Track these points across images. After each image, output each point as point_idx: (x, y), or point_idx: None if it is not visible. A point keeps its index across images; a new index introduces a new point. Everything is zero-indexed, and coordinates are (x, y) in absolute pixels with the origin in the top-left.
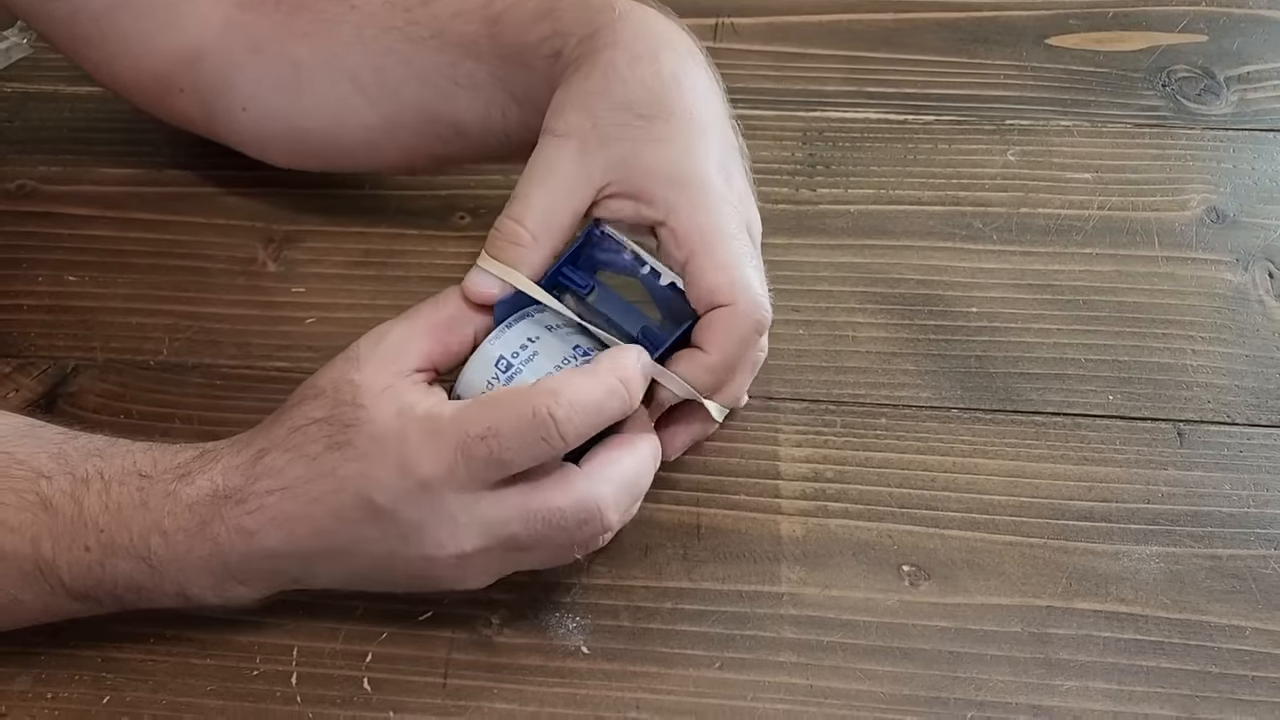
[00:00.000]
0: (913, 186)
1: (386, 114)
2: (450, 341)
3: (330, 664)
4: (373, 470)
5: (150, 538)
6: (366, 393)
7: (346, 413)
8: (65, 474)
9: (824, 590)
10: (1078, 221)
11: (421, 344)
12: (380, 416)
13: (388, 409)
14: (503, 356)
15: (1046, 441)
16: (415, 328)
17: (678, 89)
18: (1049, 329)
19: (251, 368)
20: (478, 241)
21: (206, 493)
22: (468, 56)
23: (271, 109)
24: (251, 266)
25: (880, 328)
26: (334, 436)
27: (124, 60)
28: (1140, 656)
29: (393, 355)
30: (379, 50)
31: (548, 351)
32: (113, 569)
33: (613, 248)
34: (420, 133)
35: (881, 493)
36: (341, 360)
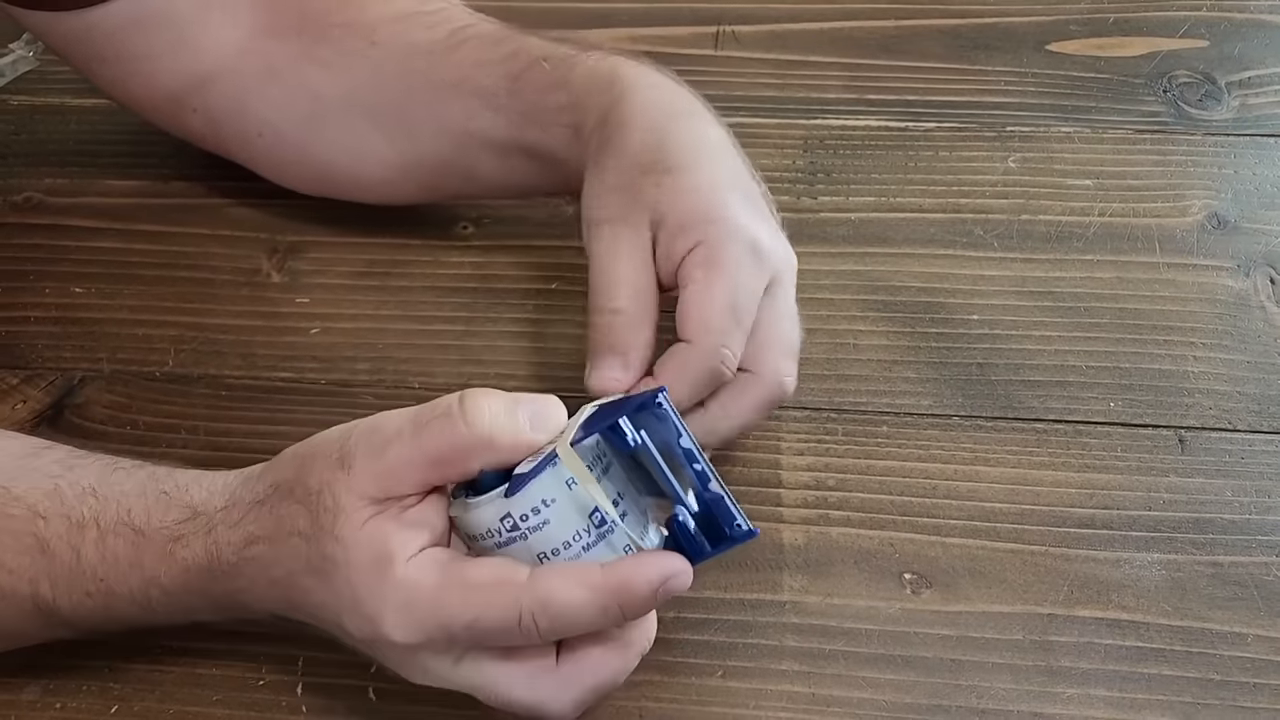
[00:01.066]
0: (914, 194)
1: (404, 154)
2: (453, 475)
3: (335, 674)
4: (346, 616)
5: (149, 590)
6: (347, 523)
7: (326, 541)
8: (61, 516)
9: (826, 598)
10: (1079, 228)
11: (420, 473)
12: (357, 560)
13: (366, 554)
14: (509, 515)
15: (1048, 449)
16: (418, 453)
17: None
18: (1050, 336)
19: (256, 378)
20: (481, 251)
21: (201, 562)
22: (486, 108)
23: (288, 137)
24: (256, 277)
25: (881, 335)
26: (312, 561)
27: (137, 78)
28: (1142, 664)
29: (385, 479)
30: (399, 91)
31: (560, 521)
32: (115, 612)
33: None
34: (437, 173)
35: (883, 501)
36: (335, 460)
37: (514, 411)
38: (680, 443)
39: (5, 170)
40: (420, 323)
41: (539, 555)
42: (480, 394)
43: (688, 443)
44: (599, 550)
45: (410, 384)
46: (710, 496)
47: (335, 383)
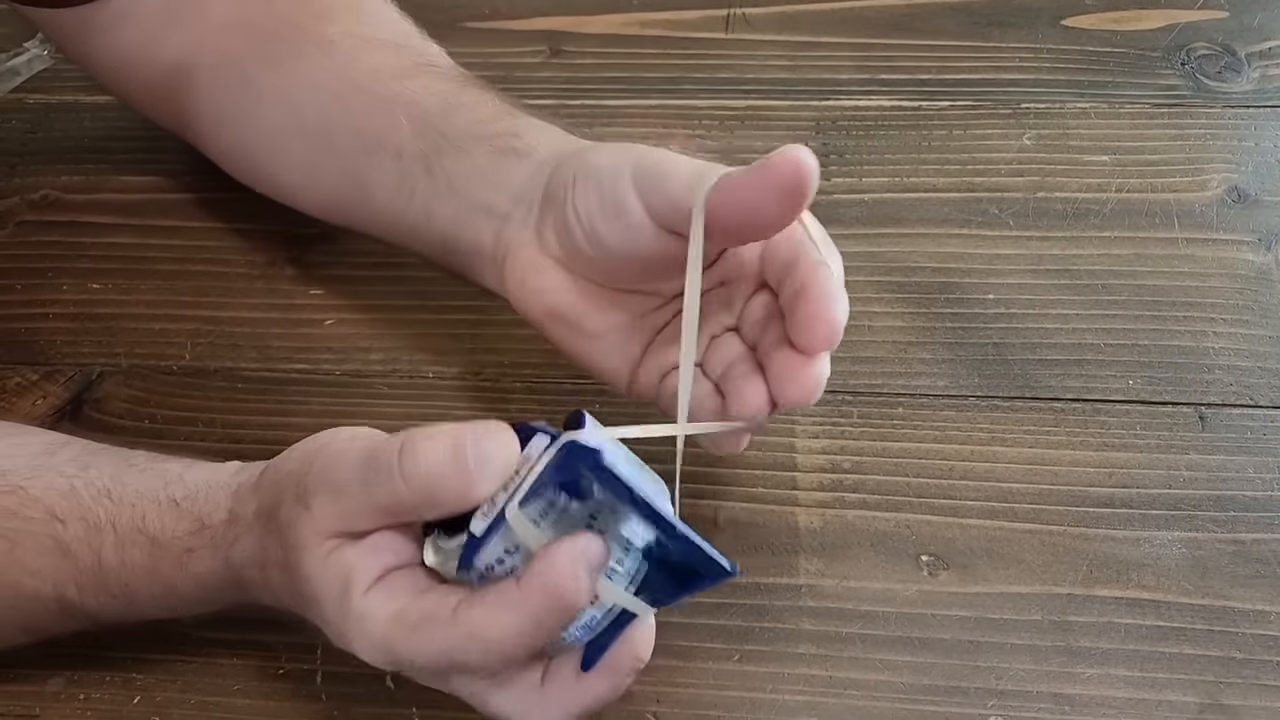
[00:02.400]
0: (928, 174)
1: (314, 159)
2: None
3: (354, 662)
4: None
5: (169, 598)
6: (311, 559)
7: (299, 580)
8: (78, 519)
9: (842, 581)
10: (1095, 204)
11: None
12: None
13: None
14: (475, 566)
15: (1065, 428)
16: (367, 505)
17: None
18: (1067, 314)
19: (272, 370)
20: None
21: (210, 575)
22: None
23: (233, 132)
24: (270, 270)
25: (896, 317)
26: (294, 594)
27: (124, 71)
28: (1163, 643)
29: (339, 521)
30: (329, 93)
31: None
32: (140, 610)
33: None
34: (334, 187)
35: (899, 483)
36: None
37: (458, 459)
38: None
39: (23, 168)
40: (434, 312)
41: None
42: (420, 441)
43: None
44: None
45: (424, 374)
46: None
47: (350, 373)
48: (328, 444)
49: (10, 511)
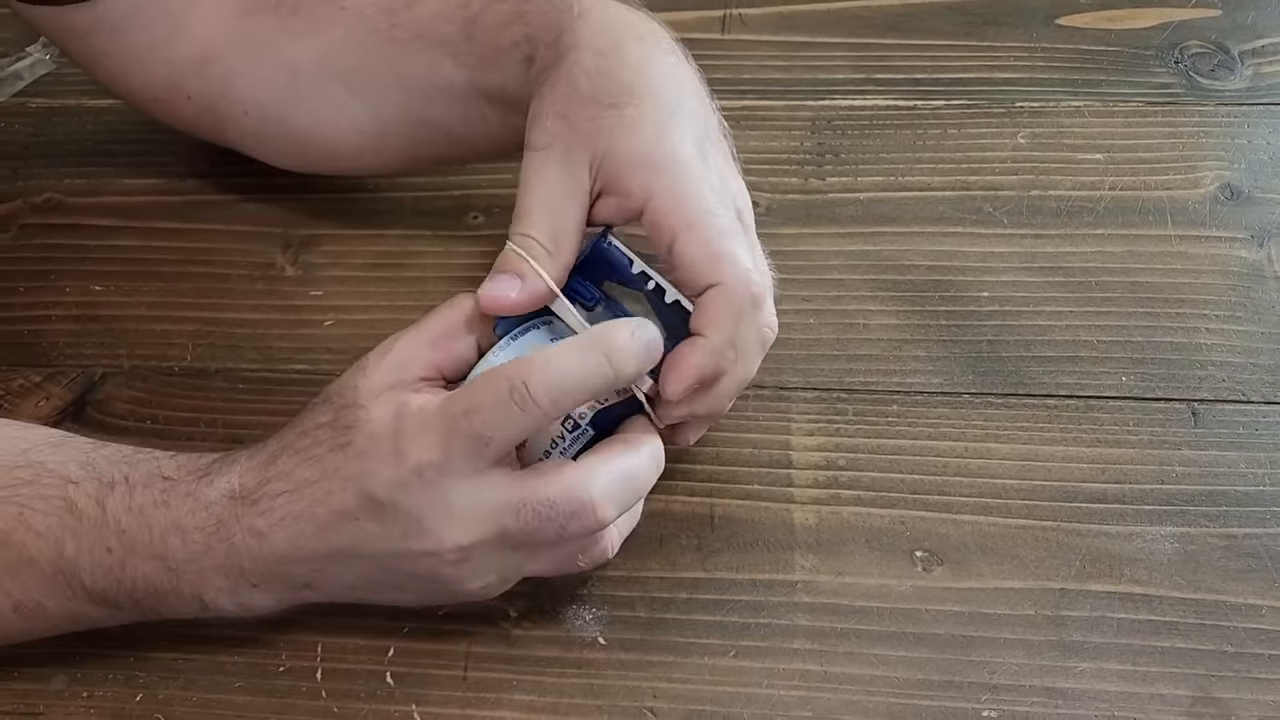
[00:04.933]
0: (922, 172)
1: (377, 117)
2: (454, 349)
3: (354, 659)
4: (370, 465)
5: (169, 537)
6: (367, 395)
7: (348, 415)
8: (92, 479)
9: (837, 577)
10: (1089, 202)
11: (426, 353)
12: (378, 415)
13: (386, 408)
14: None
15: (1059, 424)
16: (420, 337)
17: (643, 74)
18: (1061, 311)
19: (273, 370)
20: (492, 241)
21: (223, 493)
22: (446, 57)
23: (270, 113)
24: (270, 271)
25: (891, 315)
26: (336, 438)
27: (135, 69)
28: (1155, 637)
29: (398, 364)
30: (367, 53)
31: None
32: (132, 570)
33: (619, 261)
34: (409, 137)
35: (894, 479)
36: (352, 369)
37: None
38: (631, 269)
39: (26, 171)
40: None
41: None
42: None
43: (638, 268)
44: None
45: None
46: (666, 306)
47: None
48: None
49: (25, 481)
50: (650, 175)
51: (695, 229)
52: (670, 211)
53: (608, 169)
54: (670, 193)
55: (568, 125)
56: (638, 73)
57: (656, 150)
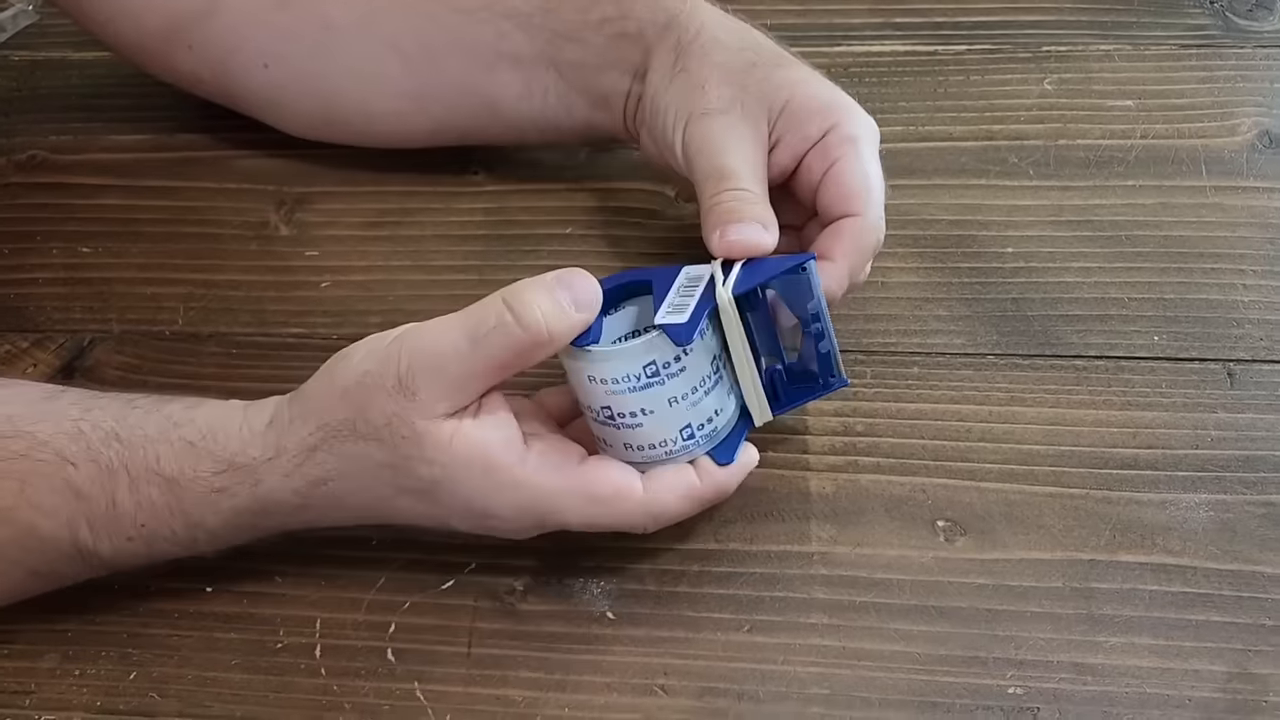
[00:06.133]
0: (944, 121)
1: (422, 83)
2: (510, 374)
3: (353, 635)
4: (456, 519)
5: (195, 532)
6: (433, 443)
7: (417, 466)
8: (89, 461)
9: (856, 548)
10: (1119, 152)
11: (485, 383)
12: (462, 476)
13: (470, 468)
14: (654, 362)
15: (1088, 386)
16: (481, 366)
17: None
18: (1089, 268)
19: (267, 335)
20: (493, 197)
21: (252, 506)
22: (518, 29)
23: (297, 69)
24: (264, 231)
25: (911, 272)
26: (406, 485)
27: (128, 16)
28: (1189, 610)
29: (452, 395)
30: (422, 16)
31: (695, 365)
32: (158, 551)
33: (805, 288)
34: (453, 106)
35: (914, 445)
36: (395, 390)
37: (559, 302)
38: (809, 307)
39: (9, 128)
40: (432, 272)
41: (670, 399)
42: (524, 291)
43: (815, 307)
44: (716, 393)
45: None
46: (819, 354)
47: (346, 337)
48: (400, 337)
49: (19, 454)
50: (828, 115)
51: (860, 157)
52: (843, 141)
53: (786, 120)
54: (845, 127)
55: (741, 89)
56: (772, 43)
57: (832, 94)
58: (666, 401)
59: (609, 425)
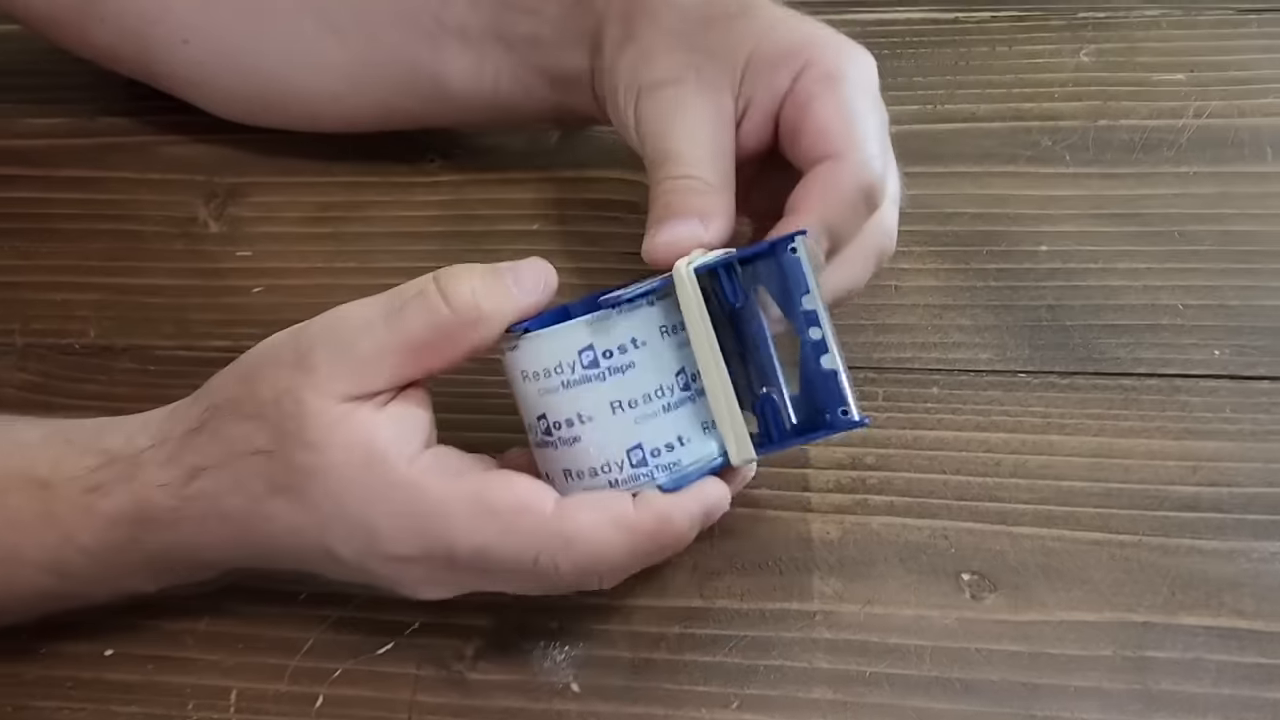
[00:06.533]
0: (967, 99)
1: (359, 59)
2: (435, 364)
3: (274, 709)
4: (332, 531)
5: (65, 552)
6: (317, 424)
7: (294, 451)
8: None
9: (865, 607)
10: (1170, 134)
11: (397, 364)
12: (340, 462)
13: (351, 454)
14: (591, 347)
15: (1138, 410)
16: (395, 340)
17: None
18: (1138, 269)
19: (190, 348)
20: (451, 188)
21: (128, 511)
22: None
23: (220, 45)
24: (191, 228)
25: (929, 275)
26: (279, 478)
27: None
28: (1266, 686)
29: (356, 373)
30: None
31: (649, 366)
32: (25, 583)
33: (795, 277)
34: (397, 88)
35: (935, 481)
36: (292, 363)
37: (497, 279)
38: (803, 302)
39: None
40: (380, 276)
41: (613, 403)
42: (459, 268)
43: (811, 303)
44: (681, 416)
45: None
46: (821, 372)
47: None
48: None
49: None
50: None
51: (836, 96)
52: (817, 81)
53: (752, 77)
54: (819, 64)
55: (694, 52)
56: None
57: (805, 32)
58: (608, 406)
59: (547, 446)
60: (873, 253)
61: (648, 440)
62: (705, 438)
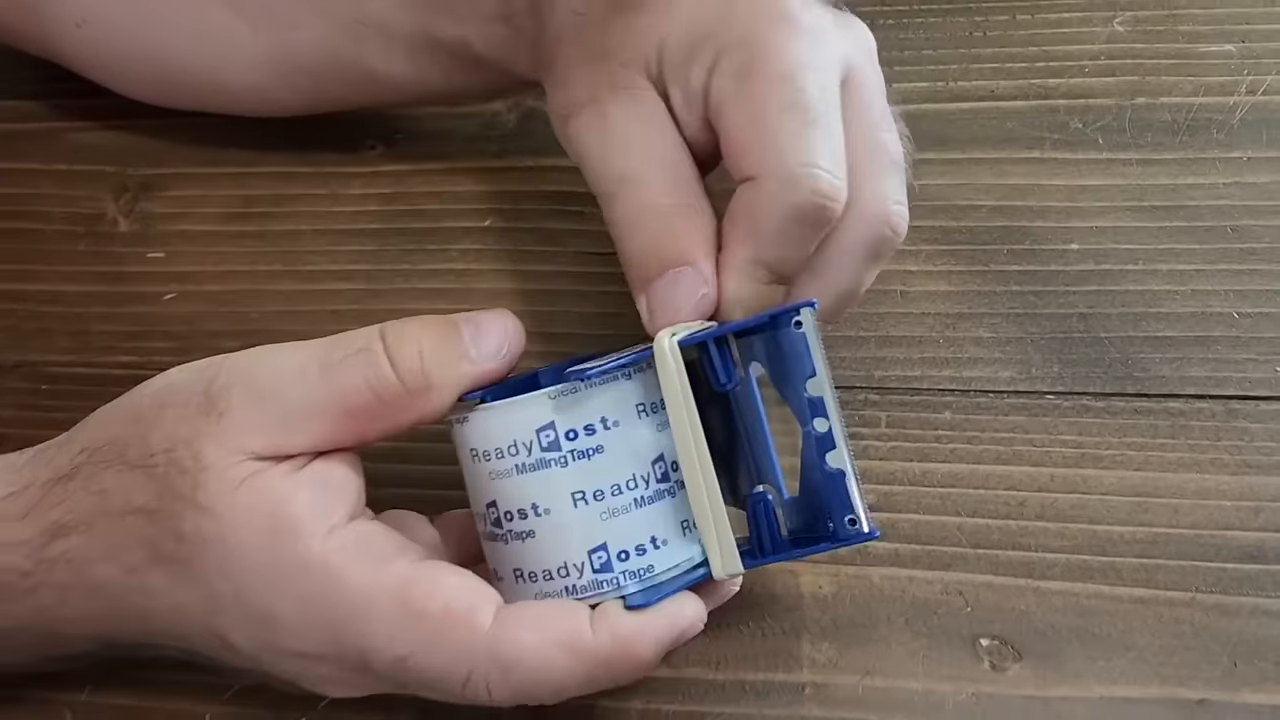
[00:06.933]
0: (983, 75)
1: (276, 47)
2: (369, 432)
3: None
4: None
5: None
6: (216, 483)
7: (184, 514)
8: None
9: (864, 679)
10: (1219, 113)
11: (327, 425)
12: (239, 535)
13: (254, 525)
14: (552, 425)
15: (1188, 439)
16: (326, 399)
17: None
18: (1184, 271)
19: (90, 364)
20: (392, 179)
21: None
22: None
23: (118, 27)
24: (99, 226)
25: (941, 278)
26: (162, 545)
27: None
28: None
29: (276, 428)
30: None
31: (620, 451)
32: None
33: (796, 355)
34: (323, 79)
35: (947, 526)
36: (199, 406)
37: (452, 341)
38: (807, 387)
39: None
40: (308, 280)
41: (575, 494)
42: (411, 323)
43: (818, 388)
44: (656, 512)
45: None
46: (826, 472)
47: None
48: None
49: None
50: (708, 44)
51: (750, 95)
52: (730, 78)
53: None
54: (731, 54)
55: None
56: None
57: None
58: (569, 496)
59: (496, 540)
60: (860, 248)
61: (615, 540)
62: (685, 541)
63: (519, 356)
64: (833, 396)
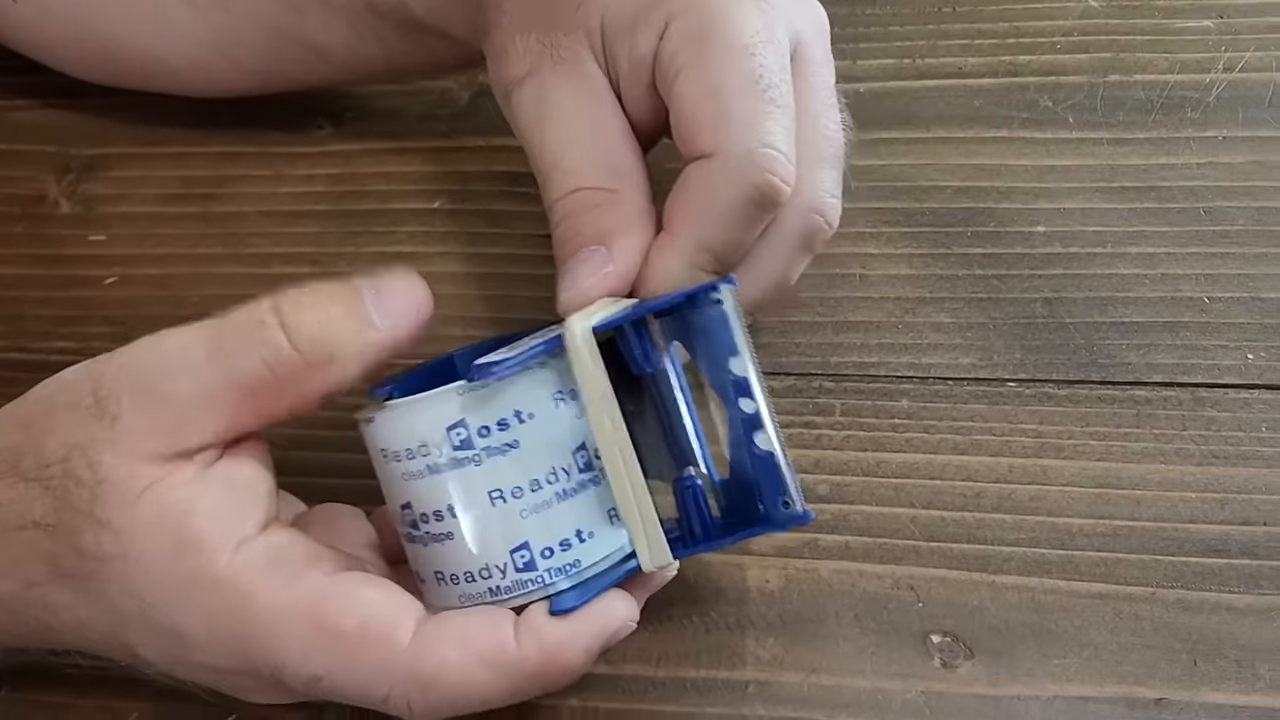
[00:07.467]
0: (951, 51)
1: (219, 29)
2: (275, 412)
3: None
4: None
5: None
6: (115, 496)
7: (83, 530)
8: None
9: (810, 677)
10: (1195, 91)
11: (226, 415)
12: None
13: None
14: (463, 423)
15: (1154, 428)
16: (219, 383)
17: None
18: (1153, 254)
19: (24, 351)
20: (339, 159)
21: None
22: None
23: (52, 7)
24: (39, 208)
25: (901, 261)
26: (63, 561)
27: None
28: None
29: (171, 425)
30: None
31: (538, 444)
32: None
33: (717, 333)
34: (267, 56)
35: (900, 518)
36: (89, 409)
37: (353, 307)
38: (730, 366)
39: None
40: (253, 263)
41: (492, 492)
42: (307, 292)
43: (741, 368)
44: (581, 505)
45: None
46: (755, 454)
47: None
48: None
49: None
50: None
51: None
52: (682, 45)
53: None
54: (681, 20)
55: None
56: None
57: None
58: (487, 496)
59: (415, 542)
60: (794, 238)
61: (538, 538)
62: (613, 529)
63: (428, 321)
64: (757, 374)
